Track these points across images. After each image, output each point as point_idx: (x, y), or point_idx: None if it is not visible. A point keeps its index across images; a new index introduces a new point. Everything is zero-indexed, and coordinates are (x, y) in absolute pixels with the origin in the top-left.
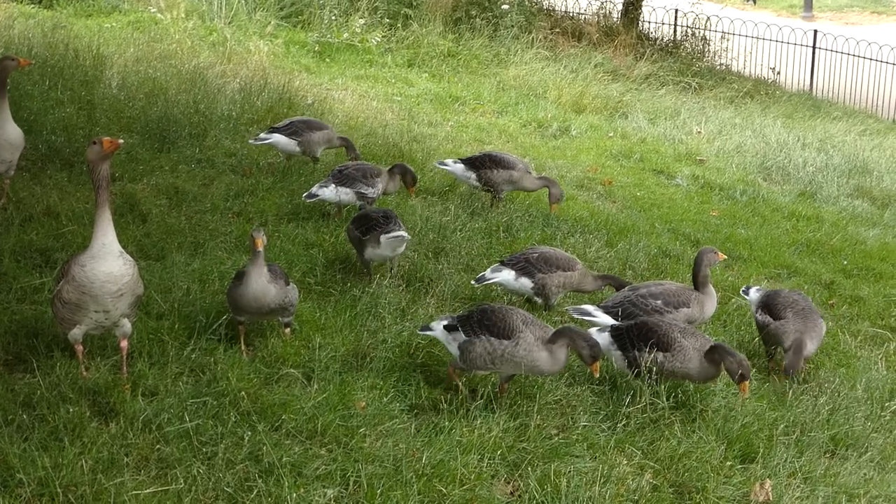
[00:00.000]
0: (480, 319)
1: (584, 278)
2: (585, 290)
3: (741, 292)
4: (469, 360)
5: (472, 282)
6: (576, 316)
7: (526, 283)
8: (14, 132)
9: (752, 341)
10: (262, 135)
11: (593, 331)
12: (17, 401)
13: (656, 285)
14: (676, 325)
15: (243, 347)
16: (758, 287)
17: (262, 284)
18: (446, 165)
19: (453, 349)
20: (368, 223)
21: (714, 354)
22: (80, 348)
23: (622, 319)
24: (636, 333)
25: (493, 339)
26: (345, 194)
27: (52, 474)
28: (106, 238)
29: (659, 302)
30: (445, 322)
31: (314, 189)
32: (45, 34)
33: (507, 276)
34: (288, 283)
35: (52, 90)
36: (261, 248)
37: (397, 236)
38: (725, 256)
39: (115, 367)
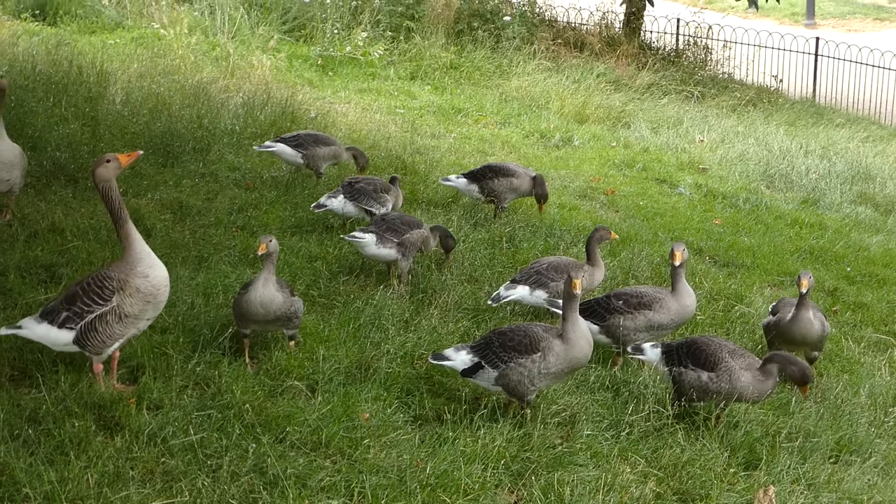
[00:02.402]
0: (687, 351)
1: (592, 278)
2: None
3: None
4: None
5: (489, 301)
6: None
7: (541, 294)
8: (7, 151)
9: (757, 348)
10: (268, 142)
11: (647, 346)
12: (23, 415)
13: (631, 288)
14: (726, 346)
15: (247, 360)
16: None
17: (269, 291)
18: (449, 181)
19: None
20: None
21: (771, 364)
22: (102, 367)
23: (588, 318)
24: (685, 351)
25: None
26: (352, 208)
27: (58, 488)
28: (145, 247)
29: (620, 302)
30: None
31: (323, 199)
32: (49, 51)
33: (522, 291)
34: (293, 296)
35: (57, 107)
36: (262, 252)
37: (351, 239)
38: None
39: (120, 380)
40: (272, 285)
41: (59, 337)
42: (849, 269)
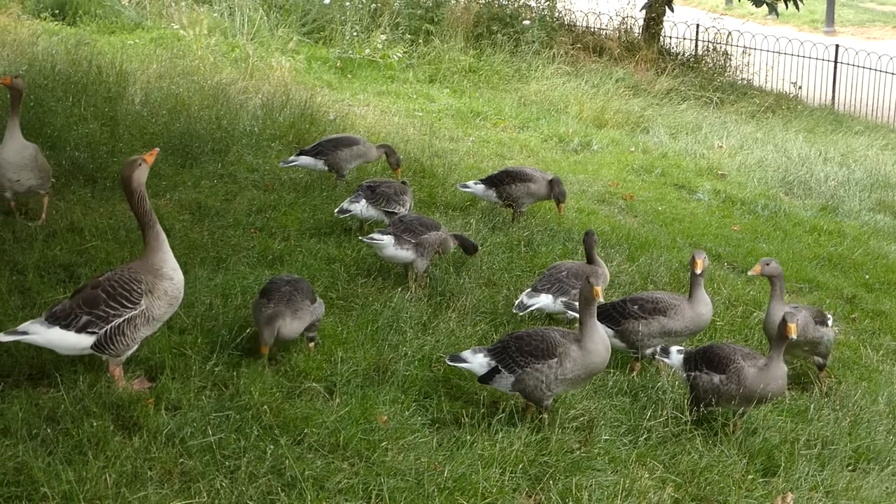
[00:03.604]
0: (703, 356)
1: (606, 280)
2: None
3: None
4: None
5: (514, 310)
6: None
7: (564, 301)
8: (14, 152)
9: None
10: (292, 157)
11: (674, 350)
12: (42, 415)
13: (647, 293)
14: (740, 350)
15: (265, 362)
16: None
17: (295, 326)
18: (468, 187)
19: None
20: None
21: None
22: (120, 369)
23: (603, 321)
24: (701, 356)
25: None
26: (373, 211)
27: (77, 488)
28: (170, 250)
29: (636, 307)
30: None
31: (345, 205)
32: (69, 51)
33: (546, 300)
34: (314, 301)
35: (76, 106)
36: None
37: (369, 241)
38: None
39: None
40: (290, 317)
41: (77, 341)
42: (867, 276)
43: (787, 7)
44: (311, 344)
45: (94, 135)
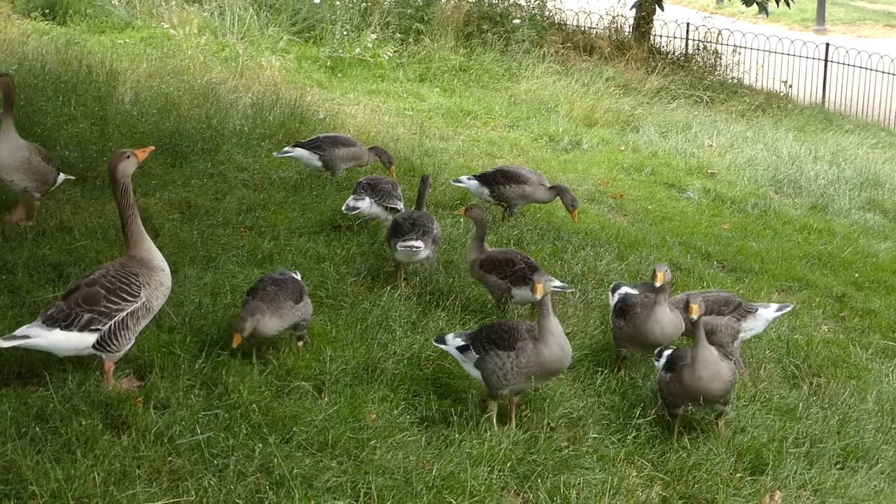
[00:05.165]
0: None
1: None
2: None
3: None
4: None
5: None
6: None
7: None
8: (6, 153)
9: (771, 355)
10: (287, 148)
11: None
12: (30, 413)
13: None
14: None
15: (254, 360)
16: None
17: (274, 323)
18: (461, 182)
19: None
20: (396, 228)
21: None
22: (113, 366)
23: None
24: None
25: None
26: (377, 208)
27: (65, 486)
28: (153, 244)
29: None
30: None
31: (351, 202)
32: (59, 50)
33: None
34: (300, 300)
35: (66, 106)
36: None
37: (408, 247)
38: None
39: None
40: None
41: (80, 341)
42: (857, 275)
43: (777, 5)
44: (300, 343)
45: (84, 134)
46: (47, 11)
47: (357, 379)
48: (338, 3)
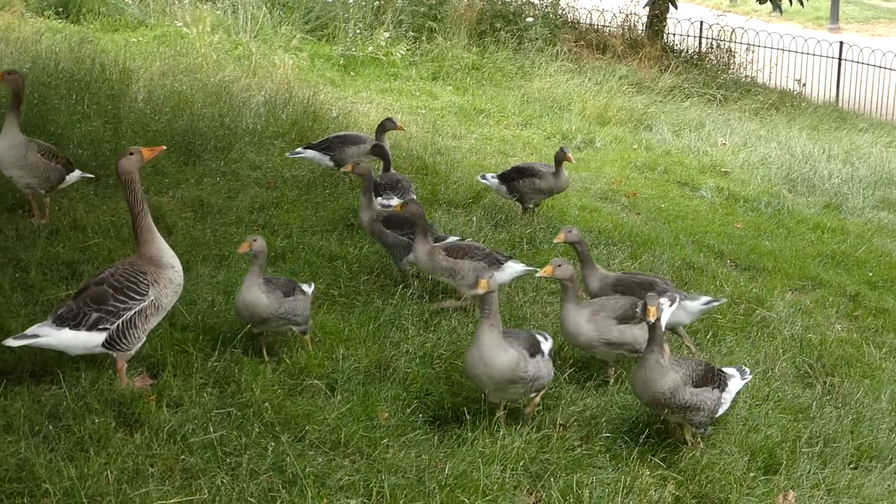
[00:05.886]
0: None
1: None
2: None
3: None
4: None
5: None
6: None
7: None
8: (2, 150)
9: (785, 355)
10: (299, 149)
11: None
12: (44, 412)
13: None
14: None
15: (265, 358)
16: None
17: (253, 293)
18: (486, 180)
19: None
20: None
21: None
22: (126, 364)
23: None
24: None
25: None
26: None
27: (78, 484)
28: (163, 240)
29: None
30: None
31: (383, 200)
32: (72, 48)
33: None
34: (289, 295)
35: (79, 104)
36: (242, 251)
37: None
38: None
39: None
40: (256, 287)
41: (89, 340)
42: (870, 274)
43: (791, 4)
44: (306, 336)
45: (98, 132)
46: (61, 10)
47: (369, 377)
48: (350, 1)
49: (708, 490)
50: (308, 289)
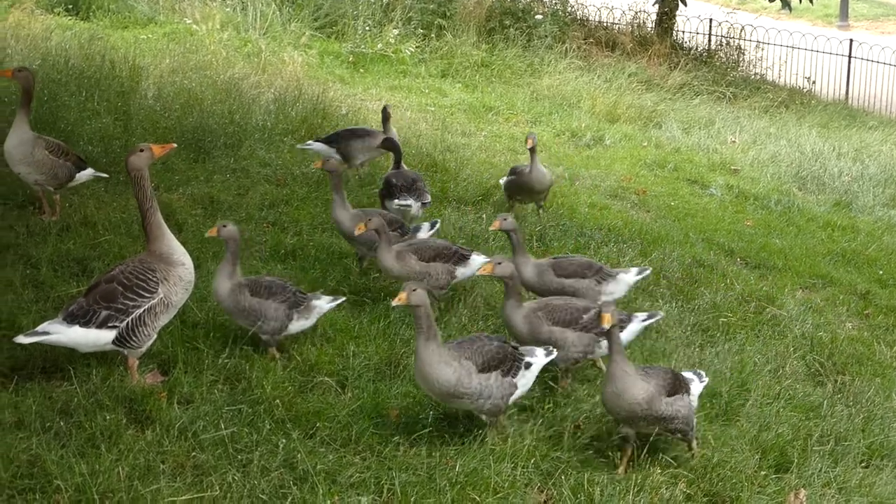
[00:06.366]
0: None
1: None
2: None
3: None
4: None
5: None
6: None
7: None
8: (11, 146)
9: (795, 353)
10: (309, 141)
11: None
12: (55, 408)
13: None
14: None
15: (276, 355)
16: None
17: (216, 282)
18: (503, 181)
19: None
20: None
21: None
22: (137, 361)
23: None
24: None
25: None
26: (418, 209)
27: (90, 481)
28: (173, 237)
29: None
30: None
31: (401, 200)
32: (82, 46)
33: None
34: (268, 298)
35: (89, 101)
36: (209, 235)
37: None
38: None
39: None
40: (222, 276)
41: (98, 337)
42: (881, 272)
43: (800, 1)
44: (270, 350)
45: (108, 129)
46: (70, 7)
47: (380, 375)
48: None
49: (719, 488)
50: (318, 301)
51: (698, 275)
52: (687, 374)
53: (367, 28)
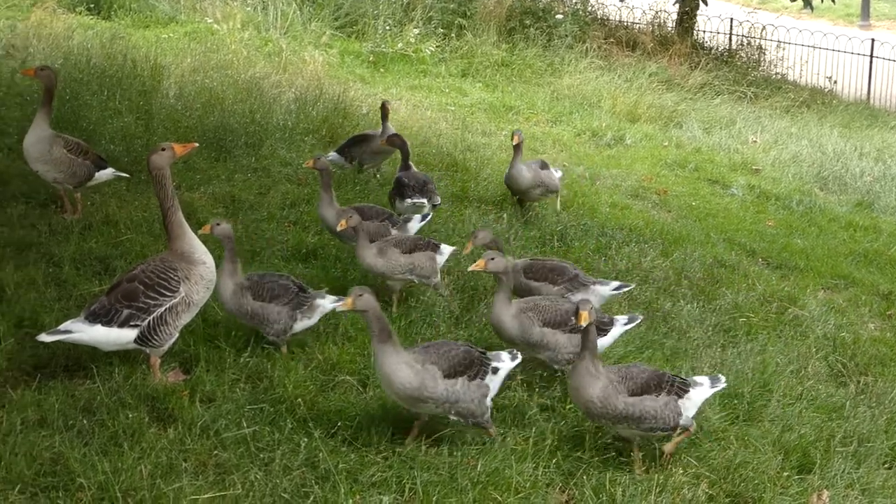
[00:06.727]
0: None
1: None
2: None
3: None
4: None
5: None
6: None
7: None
8: (29, 144)
9: (818, 354)
10: (331, 153)
11: None
12: (78, 406)
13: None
14: None
15: (285, 352)
16: None
17: (220, 282)
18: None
19: None
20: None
21: None
22: (159, 360)
23: None
24: None
25: None
26: (429, 207)
27: (112, 479)
28: (195, 236)
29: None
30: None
31: (417, 200)
32: (104, 45)
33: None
34: (271, 302)
35: (111, 100)
36: (204, 232)
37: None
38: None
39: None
40: (224, 275)
41: (120, 336)
42: None
43: (821, 0)
44: (282, 349)
45: (129, 128)
46: (92, 6)
47: None
48: None
49: (741, 489)
50: (322, 301)
51: (720, 275)
52: (699, 379)
53: (388, 27)
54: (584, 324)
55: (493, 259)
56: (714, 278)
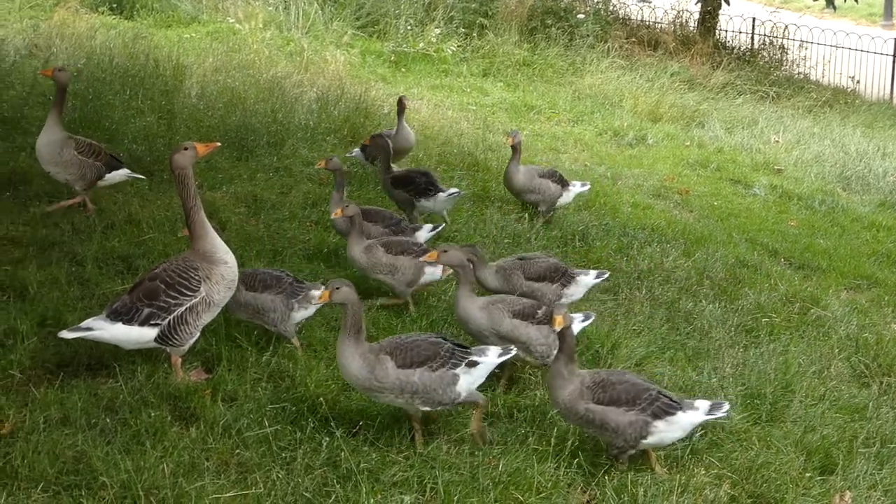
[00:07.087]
0: None
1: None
2: None
3: None
4: None
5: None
6: None
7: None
8: (41, 145)
9: (840, 354)
10: (355, 150)
11: None
12: (101, 405)
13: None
14: None
15: (297, 344)
16: None
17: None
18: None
19: None
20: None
21: None
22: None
23: None
24: None
25: None
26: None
27: (135, 477)
28: (216, 235)
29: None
30: None
31: (453, 191)
32: (126, 44)
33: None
34: (263, 291)
35: (133, 99)
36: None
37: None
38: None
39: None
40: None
41: (141, 335)
42: None
43: (844, 0)
44: (294, 340)
45: (152, 128)
46: (114, 6)
47: None
48: None
49: (763, 490)
50: (317, 292)
51: (742, 275)
52: (698, 402)
53: (409, 27)
54: (558, 328)
55: (445, 252)
56: (736, 278)
